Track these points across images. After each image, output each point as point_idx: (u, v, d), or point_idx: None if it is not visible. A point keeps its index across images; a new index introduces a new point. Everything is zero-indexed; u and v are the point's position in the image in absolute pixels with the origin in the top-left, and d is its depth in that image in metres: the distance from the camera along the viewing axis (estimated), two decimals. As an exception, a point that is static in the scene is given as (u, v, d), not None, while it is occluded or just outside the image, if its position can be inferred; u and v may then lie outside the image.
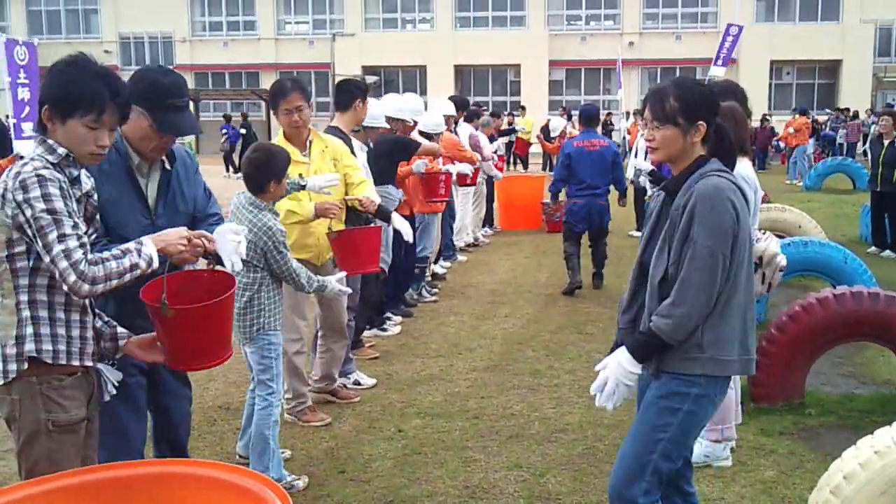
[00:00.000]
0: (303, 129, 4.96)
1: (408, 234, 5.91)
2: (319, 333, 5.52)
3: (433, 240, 8.81)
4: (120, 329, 2.91)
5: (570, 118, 11.53)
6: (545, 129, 15.19)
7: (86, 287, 2.52)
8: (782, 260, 4.18)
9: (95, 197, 2.80)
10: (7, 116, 24.61)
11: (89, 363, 2.73)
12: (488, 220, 13.59)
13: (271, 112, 5.05)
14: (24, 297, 2.59)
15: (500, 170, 12.71)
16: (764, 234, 4.28)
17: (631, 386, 2.91)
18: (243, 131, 25.79)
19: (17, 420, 2.62)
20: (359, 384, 5.89)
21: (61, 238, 2.50)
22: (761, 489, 4.22)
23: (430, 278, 9.32)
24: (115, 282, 2.58)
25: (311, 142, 5.05)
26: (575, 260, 8.87)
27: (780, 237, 7.36)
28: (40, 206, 2.48)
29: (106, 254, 2.59)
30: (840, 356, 6.28)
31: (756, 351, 4.38)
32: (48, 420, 2.61)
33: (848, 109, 27.09)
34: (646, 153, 11.25)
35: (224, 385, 6.04)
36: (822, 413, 5.15)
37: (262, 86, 38.54)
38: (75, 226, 2.54)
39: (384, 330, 7.38)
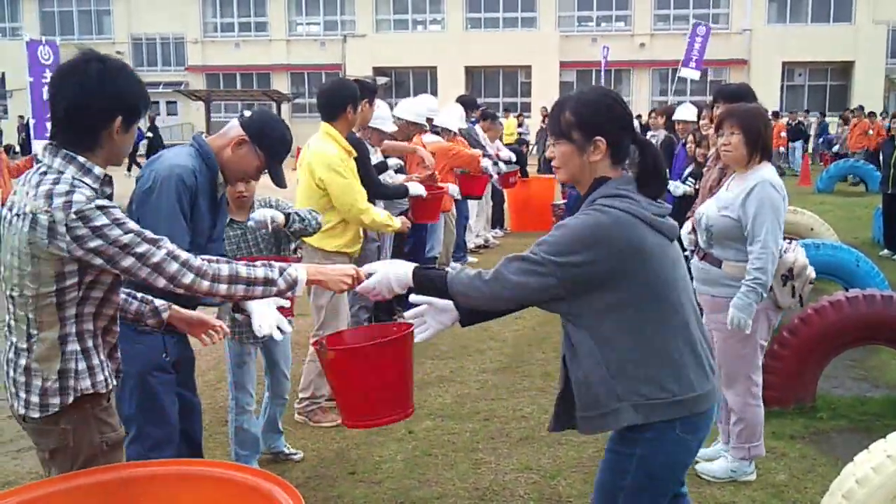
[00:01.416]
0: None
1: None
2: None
3: (441, 240, 8.79)
4: (158, 301, 2.90)
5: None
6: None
7: (205, 284, 2.50)
8: (812, 272, 4.14)
9: None
10: (21, 117, 24.65)
11: (114, 383, 2.67)
12: (499, 222, 13.59)
13: (349, 110, 5.13)
14: (71, 329, 2.47)
15: (514, 185, 12.37)
16: (790, 243, 4.22)
17: (391, 283, 2.67)
18: (150, 135, 24.63)
19: (69, 448, 2.53)
20: (369, 385, 5.88)
21: (158, 244, 2.44)
22: (773, 493, 4.20)
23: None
24: (241, 287, 2.55)
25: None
26: None
27: (792, 239, 7.36)
28: (116, 232, 2.36)
29: (241, 267, 2.58)
30: (852, 359, 6.25)
31: (766, 355, 4.40)
32: (102, 441, 2.56)
33: (861, 108, 26.78)
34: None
35: (235, 385, 6.05)
36: (834, 416, 5.13)
37: (273, 86, 38.67)
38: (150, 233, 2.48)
39: (394, 331, 7.37)
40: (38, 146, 10.96)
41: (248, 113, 3.39)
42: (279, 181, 3.47)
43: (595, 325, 2.49)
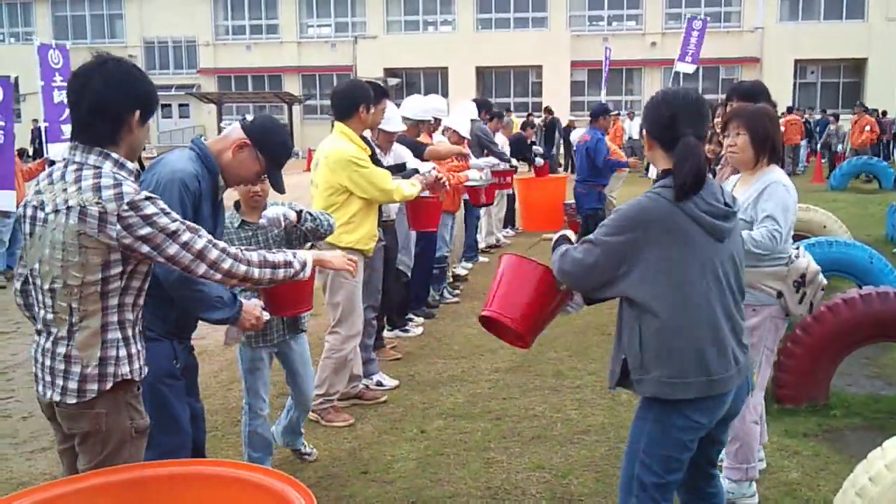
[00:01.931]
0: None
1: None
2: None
3: (446, 240, 8.79)
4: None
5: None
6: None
7: (242, 268, 2.72)
8: (824, 280, 4.03)
9: None
10: (34, 121, 24.75)
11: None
12: (510, 221, 13.57)
13: (362, 110, 5.18)
14: (113, 318, 2.63)
15: (509, 185, 12.32)
16: (797, 248, 4.10)
17: None
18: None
19: (101, 432, 2.66)
20: (381, 385, 5.91)
21: (199, 233, 2.65)
22: (785, 491, 4.19)
23: (451, 279, 9.32)
24: (269, 271, 2.81)
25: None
26: None
27: (805, 237, 7.32)
28: (164, 220, 2.57)
29: (274, 255, 2.88)
30: (866, 357, 6.22)
31: (780, 353, 4.35)
32: (132, 427, 2.70)
33: (861, 104, 26.39)
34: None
35: (247, 386, 6.07)
36: (847, 414, 5.11)
37: (284, 88, 38.77)
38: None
39: (406, 331, 7.39)
40: (51, 149, 11.00)
41: (249, 117, 3.42)
42: (278, 186, 3.47)
43: (633, 300, 2.82)
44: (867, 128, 21.79)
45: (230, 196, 3.98)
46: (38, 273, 2.63)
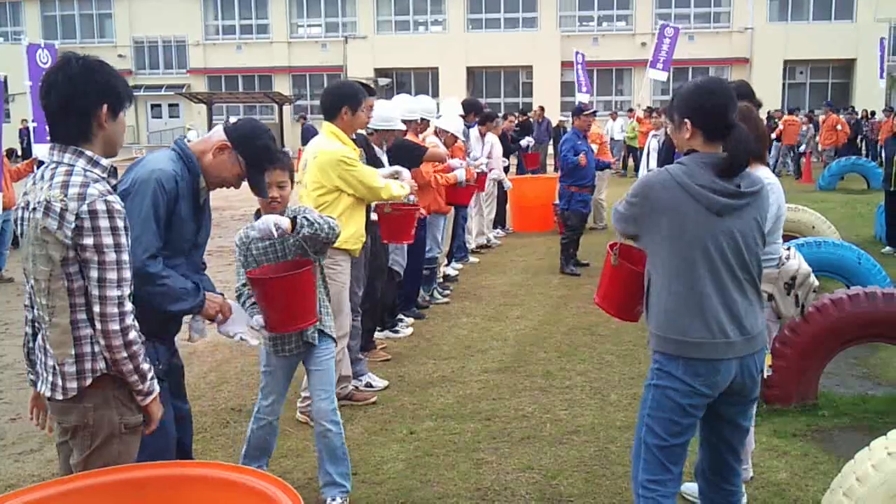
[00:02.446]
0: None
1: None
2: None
3: (440, 240, 8.80)
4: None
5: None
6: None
7: (116, 342, 2.59)
8: (815, 280, 4.03)
9: None
10: (23, 120, 24.60)
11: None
12: (500, 222, 13.58)
13: (346, 111, 5.14)
14: (82, 315, 2.61)
15: (535, 166, 12.83)
16: (788, 249, 4.09)
17: None
18: None
19: (88, 426, 2.66)
20: (371, 386, 5.90)
21: (120, 283, 2.58)
22: (774, 491, 4.20)
23: (441, 280, 9.32)
24: (128, 367, 2.65)
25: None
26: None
27: (794, 237, 7.35)
28: (108, 240, 2.54)
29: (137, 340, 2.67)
30: (854, 357, 6.25)
31: (774, 354, 4.35)
32: (121, 423, 2.69)
33: (829, 104, 26.16)
34: (658, 154, 11.32)
35: (237, 387, 6.06)
36: (835, 414, 5.13)
37: (274, 89, 38.70)
38: (129, 267, 2.63)
39: (396, 332, 7.39)
40: (39, 150, 10.97)
41: (233, 119, 3.40)
42: (259, 190, 3.45)
43: (649, 258, 3.12)
44: (838, 126, 21.84)
45: (252, 203, 3.95)
46: (27, 271, 2.69)
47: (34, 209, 2.58)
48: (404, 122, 7.21)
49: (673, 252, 2.99)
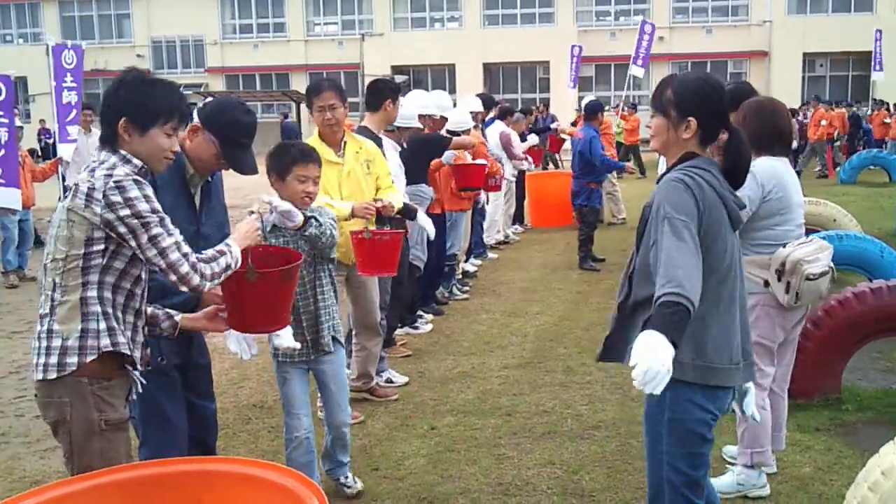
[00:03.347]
0: (336, 129, 4.96)
1: (431, 232, 5.84)
2: (353, 332, 5.54)
3: (461, 237, 8.81)
4: (170, 309, 3.07)
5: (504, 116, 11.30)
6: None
7: (196, 279, 2.71)
8: (812, 267, 3.84)
9: None
10: (41, 121, 24.68)
11: (139, 368, 2.83)
12: (518, 218, 13.56)
13: (310, 111, 5.04)
14: (92, 293, 2.67)
15: (536, 164, 12.77)
16: (808, 238, 4.04)
17: (662, 366, 2.45)
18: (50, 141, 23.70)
19: (66, 422, 2.66)
20: (391, 382, 5.92)
21: (170, 233, 2.68)
22: (798, 486, 4.17)
23: (460, 276, 9.33)
24: (217, 280, 2.79)
25: (345, 143, 5.06)
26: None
27: (816, 231, 7.29)
28: (143, 205, 2.63)
29: (209, 252, 2.80)
30: (878, 351, 6.20)
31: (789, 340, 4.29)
32: (101, 419, 2.67)
33: (817, 97, 25.79)
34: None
35: (258, 384, 6.09)
36: (859, 408, 5.09)
37: (292, 87, 38.79)
38: (164, 222, 2.70)
39: (416, 328, 7.40)
40: (63, 150, 11.04)
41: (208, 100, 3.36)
42: (237, 166, 3.28)
43: None
44: (822, 122, 21.58)
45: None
46: (47, 253, 2.76)
47: (64, 198, 2.68)
48: (421, 116, 7.22)
49: (709, 267, 2.71)
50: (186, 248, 2.72)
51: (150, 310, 2.98)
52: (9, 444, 5.18)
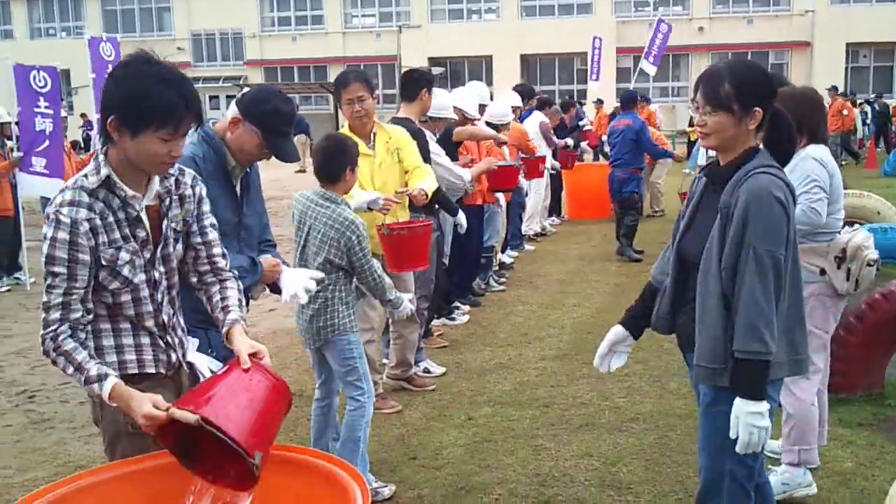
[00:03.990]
0: (366, 120, 4.97)
1: (462, 226, 5.98)
2: (389, 320, 5.57)
3: (498, 229, 8.81)
4: (230, 317, 2.67)
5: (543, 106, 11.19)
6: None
7: (41, 349, 2.46)
8: (871, 253, 3.84)
9: (204, 198, 2.73)
10: (83, 115, 25.01)
11: (163, 370, 2.64)
12: (555, 210, 13.52)
13: (339, 104, 5.05)
14: (100, 311, 2.53)
15: (572, 167, 12.67)
16: (853, 227, 4.01)
17: (763, 426, 2.64)
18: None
19: (101, 421, 2.65)
20: (428, 372, 5.94)
21: (48, 289, 2.41)
22: (840, 481, 4.13)
23: (497, 268, 9.33)
24: (69, 371, 2.43)
25: (375, 133, 5.08)
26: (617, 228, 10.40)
27: (859, 224, 7.18)
28: (44, 248, 2.40)
29: (68, 348, 2.40)
30: (922, 346, 6.09)
31: (834, 341, 4.25)
32: (127, 422, 2.51)
33: (835, 88, 25.10)
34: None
35: (297, 373, 6.15)
36: (903, 403, 5.02)
37: (329, 79, 38.95)
38: (71, 278, 2.38)
39: (452, 319, 7.41)
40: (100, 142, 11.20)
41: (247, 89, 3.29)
42: (280, 154, 3.26)
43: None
44: (845, 112, 21.21)
45: (307, 185, 4.03)
46: None
47: None
48: (457, 110, 7.24)
49: (793, 259, 2.74)
50: (53, 316, 2.40)
51: (217, 307, 2.74)
52: (54, 429, 5.28)
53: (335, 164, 4.01)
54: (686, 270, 2.87)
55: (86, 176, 2.44)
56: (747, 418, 2.63)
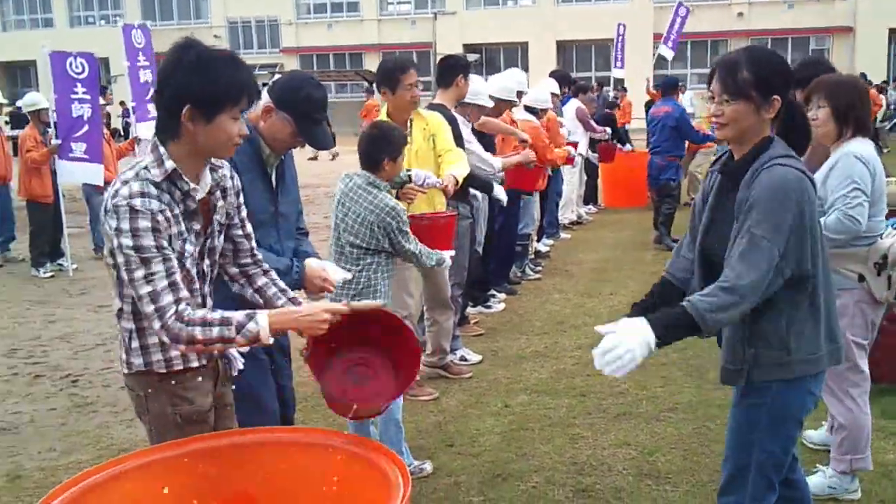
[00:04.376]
0: (415, 106, 5.04)
1: (502, 201, 6.13)
2: (425, 308, 5.58)
3: (534, 217, 8.78)
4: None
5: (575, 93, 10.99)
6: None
7: (165, 337, 2.38)
8: None
9: (240, 190, 2.74)
10: (121, 103, 25.17)
11: (205, 361, 2.65)
12: (592, 198, 13.45)
13: (380, 90, 5.03)
14: (127, 308, 2.52)
15: (612, 160, 12.55)
16: (891, 228, 3.79)
17: (638, 361, 2.52)
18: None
19: (146, 413, 2.64)
20: (465, 360, 5.95)
21: (148, 278, 2.33)
22: (882, 472, 4.08)
23: (533, 256, 9.30)
24: (198, 346, 2.40)
25: (412, 121, 5.09)
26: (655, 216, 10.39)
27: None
28: (127, 241, 2.31)
29: (199, 315, 2.37)
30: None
31: (877, 330, 4.17)
32: (175, 413, 2.58)
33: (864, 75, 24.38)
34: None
35: (334, 359, 6.18)
36: (947, 395, 4.94)
37: (364, 66, 39.01)
38: (166, 260, 2.36)
39: (488, 307, 7.41)
40: (140, 129, 11.31)
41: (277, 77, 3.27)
42: (314, 142, 3.25)
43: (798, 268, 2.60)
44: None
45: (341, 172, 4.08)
46: None
47: None
48: (501, 101, 7.20)
49: (816, 254, 2.63)
50: (164, 300, 2.34)
51: (271, 291, 2.77)
52: (97, 412, 5.37)
53: (374, 150, 4.05)
54: (713, 269, 2.75)
55: (147, 168, 2.40)
56: (640, 343, 2.50)
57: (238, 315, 2.38)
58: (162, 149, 2.42)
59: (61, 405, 5.53)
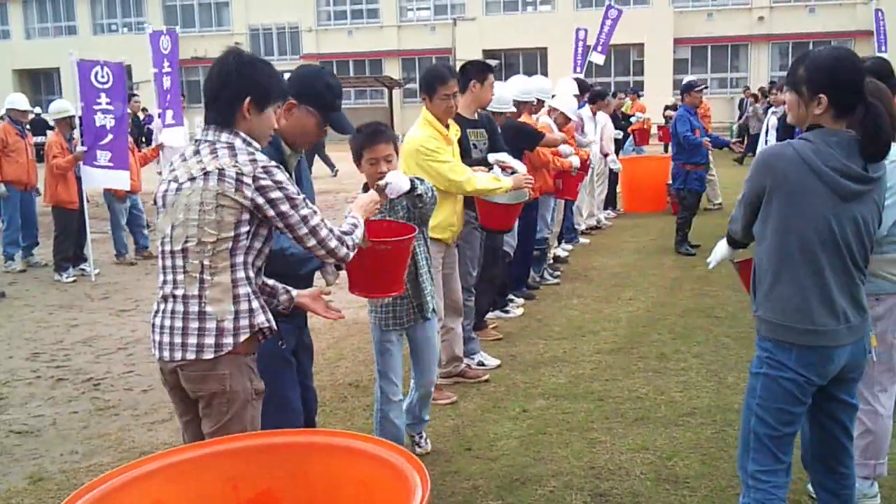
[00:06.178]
0: (447, 115, 5.12)
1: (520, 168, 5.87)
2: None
3: (548, 222, 8.78)
4: (286, 286, 3.20)
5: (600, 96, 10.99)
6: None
7: (343, 251, 2.92)
8: None
9: None
10: (144, 109, 25.26)
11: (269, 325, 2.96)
12: (611, 203, 13.43)
13: (421, 95, 5.15)
14: (241, 274, 2.80)
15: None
16: None
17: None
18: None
19: (226, 392, 2.79)
20: (483, 365, 5.97)
21: (315, 211, 2.87)
22: (902, 478, 4.06)
23: (552, 261, 9.31)
24: (355, 244, 3.01)
25: (449, 126, 5.19)
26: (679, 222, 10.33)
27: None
28: (291, 188, 2.80)
29: (346, 226, 3.02)
30: None
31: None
32: (252, 389, 2.86)
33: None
34: (777, 131, 10.96)
35: (353, 364, 6.22)
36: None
37: (384, 72, 39.13)
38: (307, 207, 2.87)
39: (507, 312, 7.43)
40: (165, 135, 11.40)
41: (286, 76, 3.36)
42: (340, 128, 3.43)
43: (759, 238, 3.00)
44: None
45: (359, 179, 4.07)
46: (170, 237, 2.81)
47: (193, 178, 2.77)
48: (520, 103, 7.24)
49: (791, 235, 2.88)
50: (331, 224, 2.90)
51: (270, 282, 3.11)
52: (119, 416, 5.43)
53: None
54: None
55: (247, 145, 2.84)
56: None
57: (347, 220, 3.07)
58: (243, 133, 2.86)
59: (83, 408, 5.59)
